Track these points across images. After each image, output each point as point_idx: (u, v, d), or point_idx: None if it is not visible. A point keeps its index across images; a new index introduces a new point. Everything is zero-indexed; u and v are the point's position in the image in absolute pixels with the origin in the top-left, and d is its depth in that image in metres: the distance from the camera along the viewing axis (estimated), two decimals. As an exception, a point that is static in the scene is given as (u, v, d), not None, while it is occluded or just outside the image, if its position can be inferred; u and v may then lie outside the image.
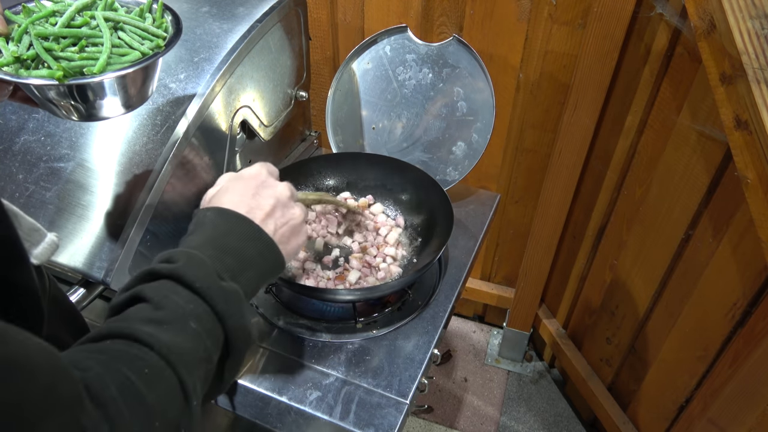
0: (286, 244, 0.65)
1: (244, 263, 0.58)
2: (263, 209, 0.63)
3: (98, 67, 0.64)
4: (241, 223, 0.60)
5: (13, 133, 0.89)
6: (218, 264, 0.55)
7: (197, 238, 0.58)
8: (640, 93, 1.21)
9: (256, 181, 0.66)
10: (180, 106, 0.88)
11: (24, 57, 0.63)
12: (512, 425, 1.72)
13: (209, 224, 0.60)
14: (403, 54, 1.18)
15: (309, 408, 0.81)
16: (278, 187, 0.67)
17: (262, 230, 0.61)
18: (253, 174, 0.67)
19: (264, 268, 0.61)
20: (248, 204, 0.63)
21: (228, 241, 0.58)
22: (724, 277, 1.05)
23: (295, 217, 0.67)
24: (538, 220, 1.53)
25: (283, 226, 0.65)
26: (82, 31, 0.66)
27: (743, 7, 0.87)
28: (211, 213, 0.61)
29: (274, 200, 0.65)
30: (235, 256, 0.57)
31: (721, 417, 1.10)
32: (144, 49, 0.68)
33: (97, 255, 0.82)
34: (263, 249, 0.61)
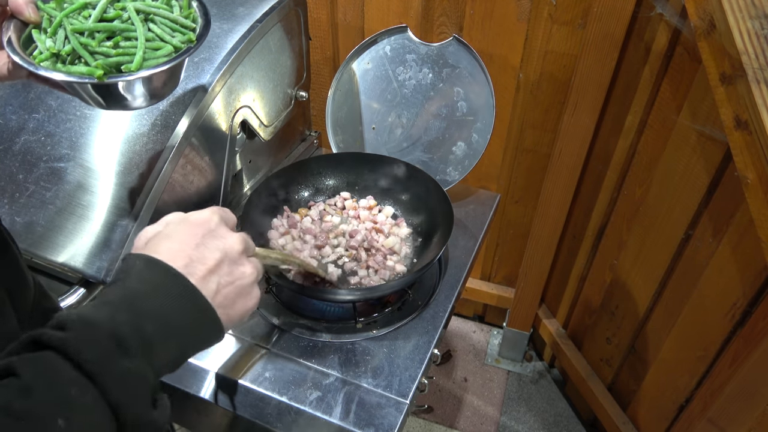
0: (229, 307, 0.54)
1: (168, 332, 0.48)
2: (206, 264, 0.53)
3: (135, 65, 0.65)
4: (172, 280, 0.50)
5: (13, 133, 0.89)
6: (129, 331, 0.45)
7: (116, 292, 0.49)
8: (640, 93, 1.21)
9: (204, 228, 0.55)
10: (180, 106, 0.88)
11: (62, 53, 0.65)
12: (512, 425, 1.72)
13: (135, 277, 0.50)
14: (403, 54, 1.18)
15: (309, 408, 0.81)
16: (229, 238, 0.56)
17: (197, 291, 0.51)
18: (201, 220, 0.56)
19: (195, 337, 0.51)
20: (189, 255, 0.52)
21: (151, 304, 0.48)
22: (724, 277, 1.05)
23: (245, 276, 0.56)
24: (538, 220, 1.53)
25: (228, 285, 0.54)
26: (115, 25, 0.66)
27: (743, 7, 0.87)
28: (140, 263, 0.51)
29: (221, 254, 0.54)
30: (155, 322, 0.47)
31: (721, 417, 1.10)
32: (176, 42, 0.69)
33: (97, 255, 0.82)
34: (196, 314, 0.51)
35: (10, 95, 0.92)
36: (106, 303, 0.47)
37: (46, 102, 0.91)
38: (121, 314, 0.46)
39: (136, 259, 0.51)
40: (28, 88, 0.92)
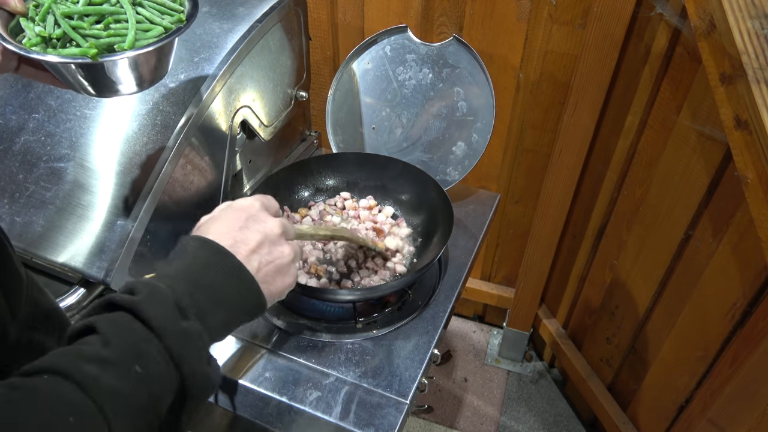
0: (269, 284, 0.61)
1: (218, 301, 0.55)
2: (248, 244, 0.59)
3: (128, 44, 0.66)
4: (221, 257, 0.57)
5: (13, 133, 0.89)
6: (186, 300, 0.52)
7: (173, 267, 0.55)
8: (640, 93, 1.21)
9: (247, 213, 0.63)
10: (180, 106, 0.88)
11: (53, 36, 0.65)
12: (512, 425, 1.72)
13: (189, 254, 0.57)
14: (403, 54, 1.18)
15: (309, 408, 0.81)
16: (269, 222, 0.63)
17: (243, 267, 0.58)
18: (245, 206, 0.64)
19: (240, 308, 0.58)
20: (234, 237, 0.59)
21: (204, 276, 0.55)
22: (724, 277, 1.05)
23: (284, 255, 0.62)
24: (538, 220, 1.53)
25: (269, 264, 0.61)
26: (105, 8, 0.67)
27: (743, 7, 0.87)
28: (193, 242, 0.58)
29: (262, 236, 0.61)
30: (208, 293, 0.54)
31: (721, 417, 1.10)
32: (166, 23, 0.70)
33: (97, 255, 0.82)
34: (242, 287, 0.58)
35: (10, 95, 0.92)
36: (166, 276, 0.54)
37: (46, 102, 0.91)
38: (179, 285, 0.53)
39: (190, 240, 0.59)
40: (28, 88, 0.92)
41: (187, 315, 0.51)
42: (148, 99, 0.90)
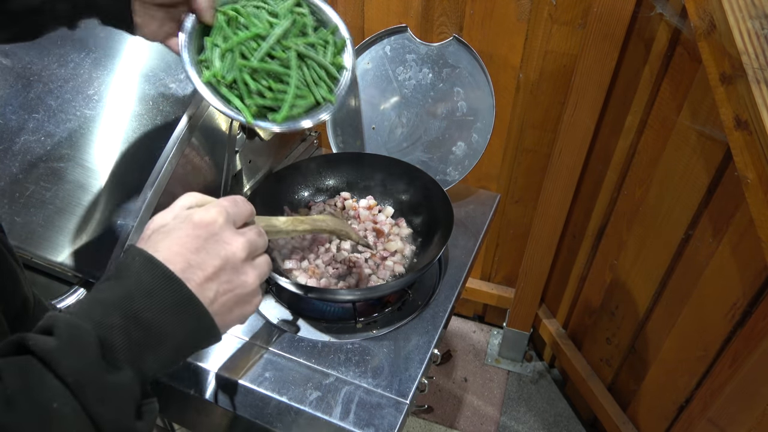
0: (226, 314, 0.53)
1: (159, 338, 0.47)
2: (204, 270, 0.51)
3: (281, 117, 0.76)
4: (168, 284, 0.48)
5: (13, 133, 0.89)
6: (119, 338, 0.44)
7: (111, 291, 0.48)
8: (640, 93, 1.21)
9: (207, 231, 0.52)
10: (180, 106, 0.88)
11: (226, 80, 0.75)
12: (512, 425, 1.72)
13: (132, 276, 0.48)
14: (403, 54, 1.18)
15: (309, 408, 0.81)
16: (233, 243, 0.53)
17: (194, 298, 0.49)
18: (205, 220, 0.53)
19: (189, 342, 0.50)
20: (187, 260, 0.50)
21: (145, 308, 0.47)
22: (724, 277, 1.05)
23: (246, 285, 0.54)
24: (538, 220, 1.53)
25: (227, 293, 0.52)
26: (275, 68, 0.76)
27: (743, 7, 0.87)
28: (139, 260, 0.49)
29: (222, 261, 0.52)
30: (148, 328, 0.46)
31: (721, 417, 1.10)
32: (318, 95, 0.80)
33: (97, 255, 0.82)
34: (191, 321, 0.49)
35: (10, 95, 0.92)
36: (100, 302, 0.47)
37: (46, 102, 0.91)
38: (113, 317, 0.45)
39: (136, 255, 0.50)
40: (28, 88, 0.92)
41: (116, 362, 0.44)
42: (148, 99, 0.90)
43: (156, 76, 0.92)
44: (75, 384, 0.41)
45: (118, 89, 0.92)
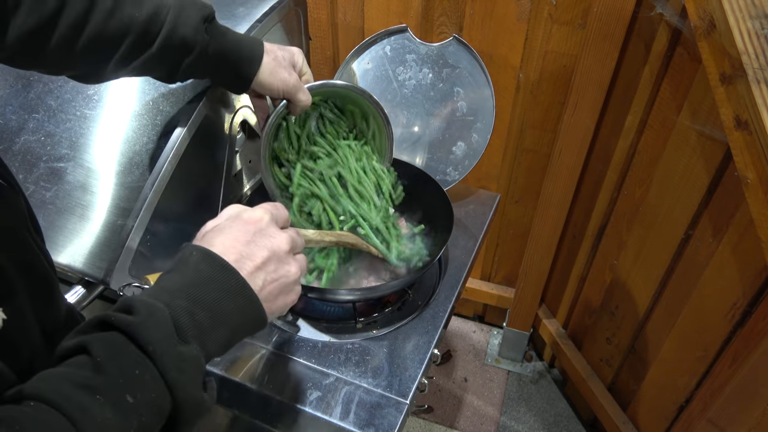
0: (272, 301, 0.59)
1: (218, 319, 0.53)
2: (254, 260, 0.57)
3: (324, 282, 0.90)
4: (224, 273, 0.54)
5: (13, 133, 0.89)
6: (186, 320, 0.50)
7: (174, 280, 0.53)
8: (640, 93, 1.21)
9: (255, 226, 0.59)
10: (180, 106, 0.88)
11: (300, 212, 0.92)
12: (512, 425, 1.72)
13: (191, 267, 0.54)
14: (403, 54, 1.18)
15: (309, 408, 0.81)
16: (278, 237, 0.60)
17: (247, 285, 0.55)
18: (254, 218, 0.60)
19: (241, 326, 0.56)
20: (239, 251, 0.57)
21: (205, 293, 0.53)
22: (724, 277, 1.05)
23: (289, 275, 0.60)
24: (538, 220, 1.53)
25: (273, 282, 0.58)
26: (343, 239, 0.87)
27: (743, 7, 0.87)
28: (197, 254, 0.55)
29: (269, 252, 0.58)
30: (209, 310, 0.52)
31: (721, 417, 1.10)
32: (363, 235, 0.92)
33: (97, 255, 0.82)
34: (244, 305, 0.55)
35: (10, 95, 0.92)
36: (165, 290, 0.52)
37: (46, 102, 0.91)
38: (179, 301, 0.50)
39: (193, 250, 0.56)
40: (28, 88, 0.92)
41: (186, 337, 0.49)
42: (148, 99, 0.90)
43: (156, 76, 0.92)
44: (154, 353, 0.46)
45: (118, 89, 0.91)
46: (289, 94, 0.84)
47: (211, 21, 0.76)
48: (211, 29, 0.76)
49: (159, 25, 0.72)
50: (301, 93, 0.84)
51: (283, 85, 0.82)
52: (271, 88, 0.82)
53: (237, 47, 0.78)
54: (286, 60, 0.83)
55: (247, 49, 0.79)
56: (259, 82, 0.81)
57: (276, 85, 0.82)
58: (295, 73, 0.84)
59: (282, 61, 0.82)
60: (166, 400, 0.47)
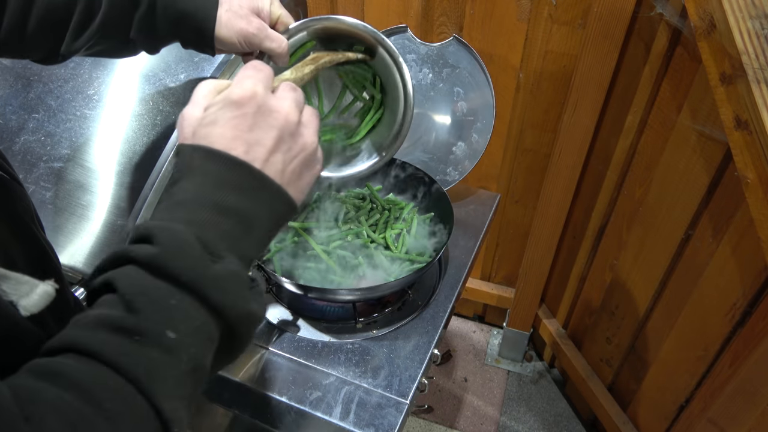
0: (297, 181, 0.52)
1: (247, 223, 0.47)
2: (265, 145, 0.49)
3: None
4: (238, 170, 0.47)
5: (13, 133, 0.89)
6: (211, 233, 0.44)
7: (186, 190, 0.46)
8: (640, 93, 1.21)
9: (252, 105, 0.50)
10: (180, 106, 0.88)
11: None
12: (512, 425, 1.72)
13: (198, 172, 0.47)
14: (403, 54, 1.18)
15: (309, 408, 0.81)
16: (282, 109, 0.51)
17: (265, 177, 0.49)
18: (246, 96, 0.50)
19: (271, 222, 0.49)
20: (245, 141, 0.48)
21: (224, 198, 0.46)
22: (724, 277, 1.05)
23: (307, 146, 0.53)
24: (538, 220, 1.53)
25: (293, 160, 0.51)
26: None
27: (743, 7, 0.87)
28: (199, 155, 0.48)
29: (278, 131, 0.50)
30: (235, 217, 0.46)
31: (721, 417, 1.10)
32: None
33: (97, 255, 0.82)
34: (268, 199, 0.49)
35: (10, 95, 0.92)
36: (179, 204, 0.46)
37: (46, 102, 0.91)
38: (197, 214, 0.45)
39: (193, 152, 0.48)
40: (28, 88, 0.92)
41: (219, 253, 0.44)
42: (148, 99, 0.90)
43: (156, 76, 0.92)
44: (189, 281, 0.42)
45: (118, 89, 0.92)
46: (253, 45, 0.74)
47: None
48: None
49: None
50: (268, 41, 0.74)
51: (242, 36, 0.73)
52: (231, 42, 0.73)
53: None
54: (244, 7, 0.73)
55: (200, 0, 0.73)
56: (218, 38, 0.73)
57: (234, 38, 0.73)
58: (258, 19, 0.74)
59: (239, 10, 0.73)
60: (214, 326, 0.43)
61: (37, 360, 0.39)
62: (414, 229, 1.02)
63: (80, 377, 0.37)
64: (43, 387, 0.36)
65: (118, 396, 0.37)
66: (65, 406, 0.35)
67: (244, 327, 0.45)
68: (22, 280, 0.43)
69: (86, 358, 0.38)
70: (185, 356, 0.41)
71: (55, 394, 0.36)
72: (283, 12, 0.77)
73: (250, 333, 0.47)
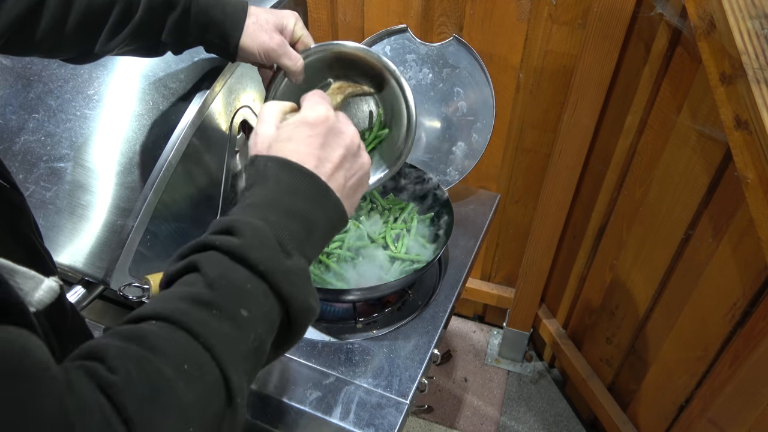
0: (351, 197, 0.60)
1: (311, 228, 0.53)
2: (332, 162, 0.57)
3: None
4: (307, 181, 0.54)
5: (13, 133, 0.89)
6: (283, 232, 0.50)
7: (260, 194, 0.52)
8: (640, 93, 1.21)
9: (324, 127, 0.58)
10: (180, 106, 0.88)
11: None
12: (512, 425, 1.72)
13: (272, 178, 0.53)
14: (403, 54, 1.18)
15: (309, 408, 0.81)
16: (348, 133, 0.60)
17: (329, 189, 0.55)
18: (320, 118, 0.58)
19: (329, 230, 0.56)
20: (317, 156, 0.56)
21: (294, 203, 0.52)
22: (724, 277, 1.05)
23: (364, 166, 0.61)
24: (538, 220, 1.53)
25: (352, 177, 0.59)
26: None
27: (743, 7, 0.87)
28: (273, 165, 0.54)
29: (344, 150, 0.58)
30: (301, 221, 0.52)
31: (721, 417, 1.10)
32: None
33: (97, 255, 0.82)
34: (329, 209, 0.56)
35: (10, 95, 0.92)
36: (254, 206, 0.51)
37: (46, 102, 0.91)
38: (273, 215, 0.50)
39: (268, 162, 0.55)
40: (28, 88, 0.92)
41: (289, 251, 0.50)
42: (148, 99, 0.90)
43: (156, 76, 0.92)
44: (265, 272, 0.47)
45: (118, 89, 0.92)
46: (271, 59, 0.79)
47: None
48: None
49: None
50: (285, 58, 0.78)
51: (262, 49, 0.78)
52: (251, 52, 0.78)
53: (221, 7, 0.76)
54: (270, 23, 0.78)
55: (231, 9, 0.77)
56: (241, 47, 0.78)
57: (255, 49, 0.78)
58: (280, 36, 0.78)
59: (264, 24, 0.78)
60: (278, 313, 0.48)
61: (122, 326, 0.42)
62: (414, 229, 1.02)
63: (163, 341, 0.41)
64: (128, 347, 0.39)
65: (195, 361, 0.41)
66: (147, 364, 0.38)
67: (302, 318, 0.50)
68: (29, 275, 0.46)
69: (169, 324, 0.42)
70: (253, 334, 0.45)
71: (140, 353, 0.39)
72: (305, 33, 0.82)
73: (306, 325, 0.51)
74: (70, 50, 0.75)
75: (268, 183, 0.53)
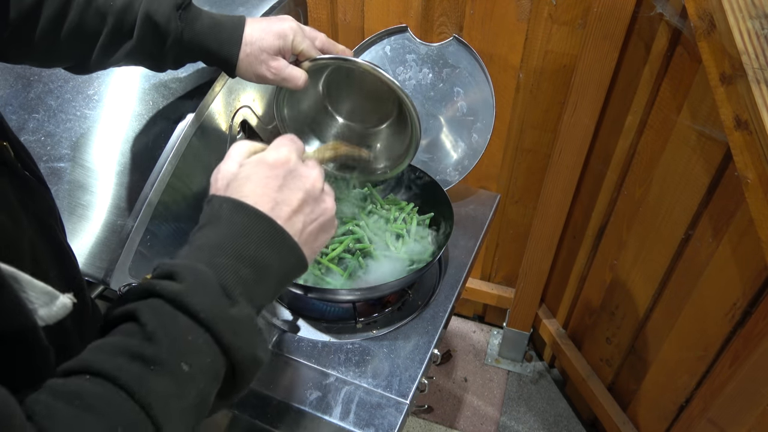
0: (312, 243, 0.57)
1: (262, 272, 0.50)
2: (290, 205, 0.54)
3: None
4: (261, 223, 0.52)
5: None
6: (231, 277, 0.48)
7: (210, 236, 0.50)
8: (640, 93, 1.21)
9: (284, 169, 0.56)
10: (180, 106, 0.88)
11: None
12: (512, 425, 1.72)
13: (225, 221, 0.51)
14: (403, 54, 1.18)
15: (309, 408, 0.81)
16: (311, 176, 0.57)
17: (285, 233, 0.53)
18: (281, 160, 0.56)
19: (284, 275, 0.54)
20: (273, 199, 0.53)
21: (245, 246, 0.50)
22: (724, 277, 1.05)
23: (326, 212, 0.58)
24: (538, 220, 1.53)
25: (312, 222, 0.56)
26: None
27: (743, 7, 0.87)
28: (227, 206, 0.52)
29: (304, 194, 0.56)
30: (252, 265, 0.50)
31: (721, 417, 1.10)
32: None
33: (97, 255, 0.82)
34: (285, 253, 0.53)
35: (10, 95, 0.92)
36: (202, 248, 0.49)
37: (46, 102, 0.91)
38: (221, 259, 0.48)
39: (222, 203, 0.53)
40: (28, 88, 0.92)
41: (235, 298, 0.47)
42: (148, 99, 0.90)
43: (156, 75, 0.92)
44: (206, 320, 0.45)
45: (118, 89, 0.92)
46: (272, 84, 0.81)
47: (185, 7, 0.73)
48: (185, 16, 0.73)
49: (133, 15, 0.71)
50: (284, 83, 0.79)
51: (260, 79, 0.79)
52: (250, 79, 0.80)
53: (214, 32, 0.75)
54: (264, 52, 0.77)
55: (227, 37, 0.76)
56: (238, 74, 0.79)
57: (253, 78, 0.79)
58: (277, 62, 0.78)
59: (259, 54, 0.77)
60: (222, 365, 0.46)
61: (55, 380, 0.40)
62: (414, 229, 1.02)
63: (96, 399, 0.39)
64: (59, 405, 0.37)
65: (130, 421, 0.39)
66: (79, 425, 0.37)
67: (247, 370, 0.48)
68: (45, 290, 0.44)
69: (103, 380, 0.40)
70: (194, 390, 0.43)
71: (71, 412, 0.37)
72: (305, 45, 0.80)
73: (251, 378, 0.49)
74: (65, 61, 0.75)
75: (220, 224, 0.51)
